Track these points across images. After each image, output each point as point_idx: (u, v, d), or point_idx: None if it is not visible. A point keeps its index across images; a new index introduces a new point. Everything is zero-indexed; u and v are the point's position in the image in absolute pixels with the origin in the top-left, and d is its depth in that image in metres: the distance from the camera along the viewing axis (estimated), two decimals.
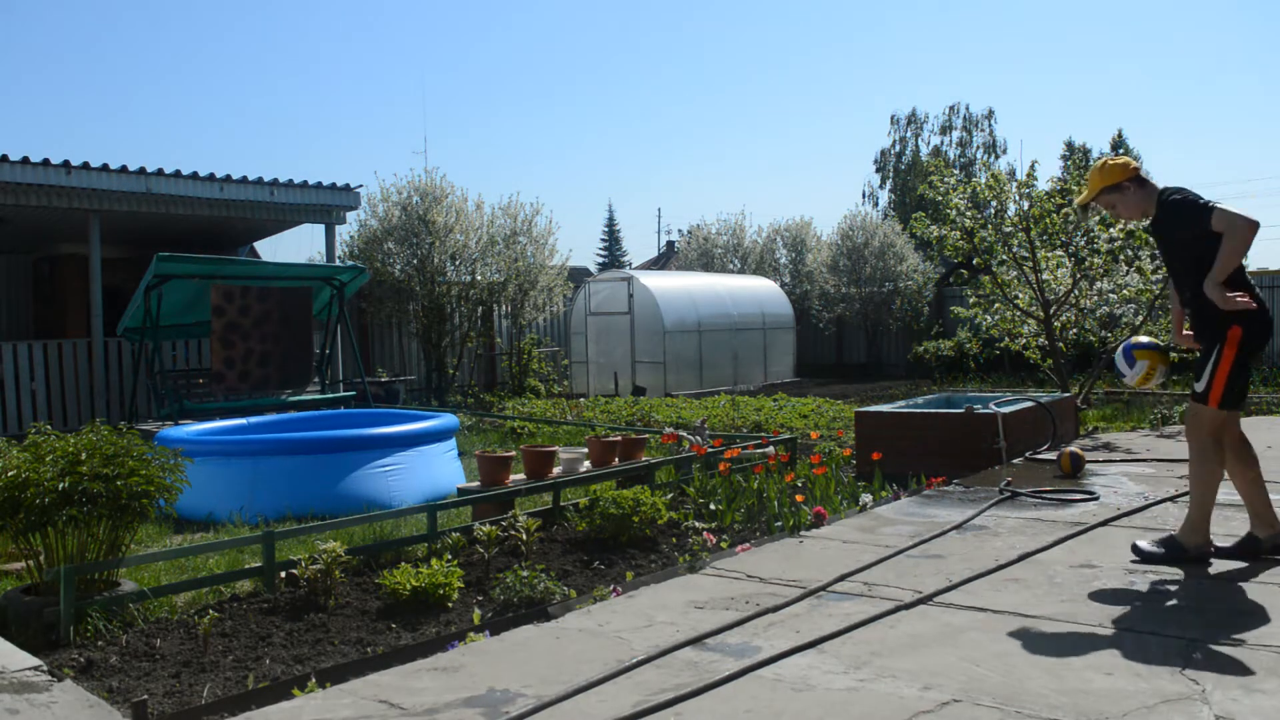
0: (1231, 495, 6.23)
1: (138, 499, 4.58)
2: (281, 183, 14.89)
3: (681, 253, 30.02)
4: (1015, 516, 5.70)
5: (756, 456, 7.83)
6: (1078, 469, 7.00)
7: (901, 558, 4.79)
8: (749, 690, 3.14)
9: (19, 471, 4.43)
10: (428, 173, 17.81)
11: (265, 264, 14.64)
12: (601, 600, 4.29)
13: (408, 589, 4.49)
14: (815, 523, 5.64)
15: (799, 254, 25.17)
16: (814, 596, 4.17)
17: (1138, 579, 4.29)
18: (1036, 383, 15.92)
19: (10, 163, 12.29)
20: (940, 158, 44.82)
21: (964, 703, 2.98)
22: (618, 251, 70.16)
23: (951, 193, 11.89)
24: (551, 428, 12.09)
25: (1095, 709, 2.89)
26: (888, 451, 7.69)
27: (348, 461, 7.75)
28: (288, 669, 3.83)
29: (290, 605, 4.60)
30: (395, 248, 17.20)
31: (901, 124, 49.19)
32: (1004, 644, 3.50)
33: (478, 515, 6.24)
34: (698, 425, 9.23)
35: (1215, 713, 2.83)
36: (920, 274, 23.37)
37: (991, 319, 12.98)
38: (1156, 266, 12.00)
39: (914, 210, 22.71)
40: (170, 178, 13.69)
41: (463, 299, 17.62)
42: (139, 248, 16.82)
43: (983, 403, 8.28)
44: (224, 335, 12.54)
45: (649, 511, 5.65)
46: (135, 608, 4.48)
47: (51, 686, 3.42)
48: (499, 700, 3.11)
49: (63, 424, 12.56)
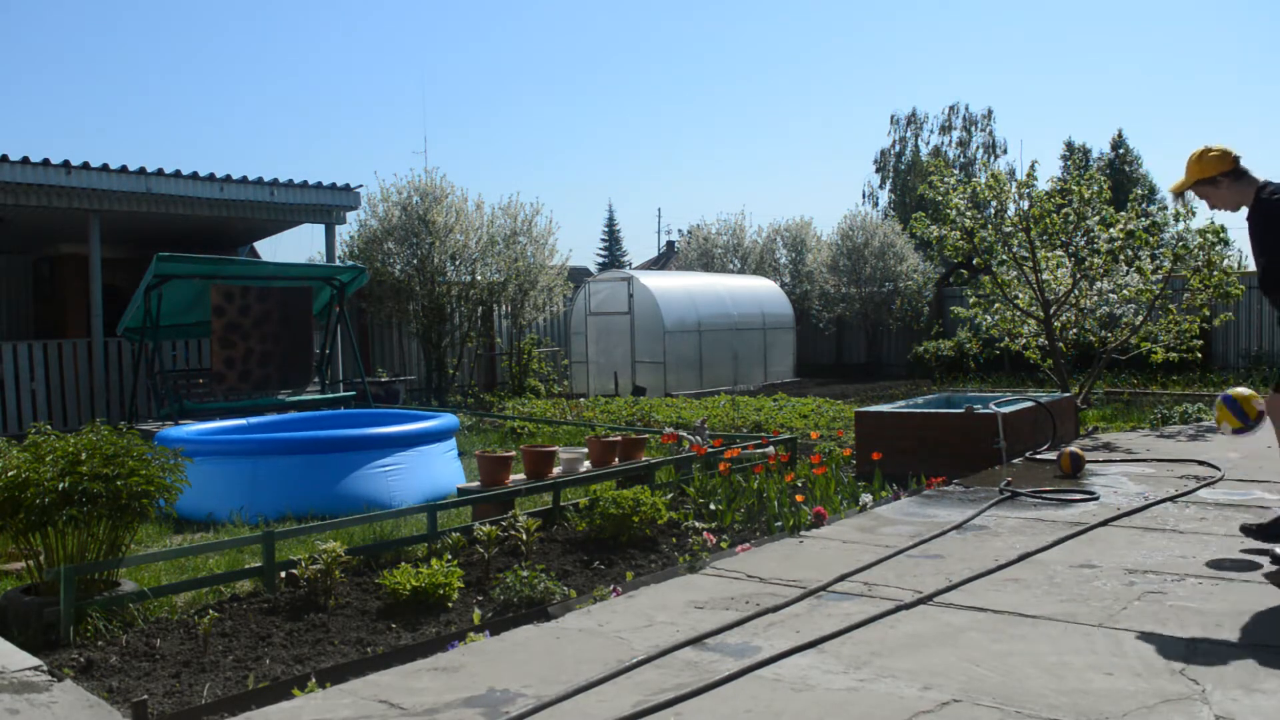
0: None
1: (138, 499, 4.58)
2: (281, 183, 14.89)
3: (681, 253, 30.02)
4: (1015, 516, 5.70)
5: (756, 456, 7.83)
6: (1078, 469, 7.00)
7: (901, 558, 4.79)
8: (749, 690, 3.14)
9: (19, 471, 4.43)
10: (428, 173, 17.84)
11: (265, 264, 14.64)
12: (601, 600, 4.29)
13: (408, 589, 4.49)
14: (815, 523, 5.64)
15: (799, 254, 25.17)
16: (814, 596, 4.17)
17: (1137, 579, 4.29)
18: (1036, 383, 15.92)
19: (10, 163, 12.29)
20: (940, 158, 44.83)
21: (964, 703, 2.98)
22: (618, 251, 70.18)
23: (951, 193, 11.88)
24: (551, 428, 12.09)
25: (1095, 709, 2.89)
26: (888, 451, 7.69)
27: (348, 461, 7.76)
28: (288, 669, 3.83)
29: (290, 605, 4.60)
30: (395, 248, 17.21)
31: (901, 124, 49.23)
32: (1004, 644, 3.50)
33: (478, 515, 6.24)
34: (698, 425, 9.23)
35: (1215, 713, 2.83)
36: (920, 274, 23.37)
37: (991, 319, 12.98)
38: (1156, 266, 12.01)
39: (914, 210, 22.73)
40: (170, 178, 13.70)
41: (463, 299, 17.63)
42: (139, 248, 16.82)
43: (983, 403, 8.28)
44: (224, 335, 12.54)
45: (649, 511, 5.65)
46: (135, 608, 4.48)
47: (51, 686, 3.42)
48: (499, 700, 3.11)
49: (63, 424, 12.56)
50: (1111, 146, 43.84)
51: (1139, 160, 42.96)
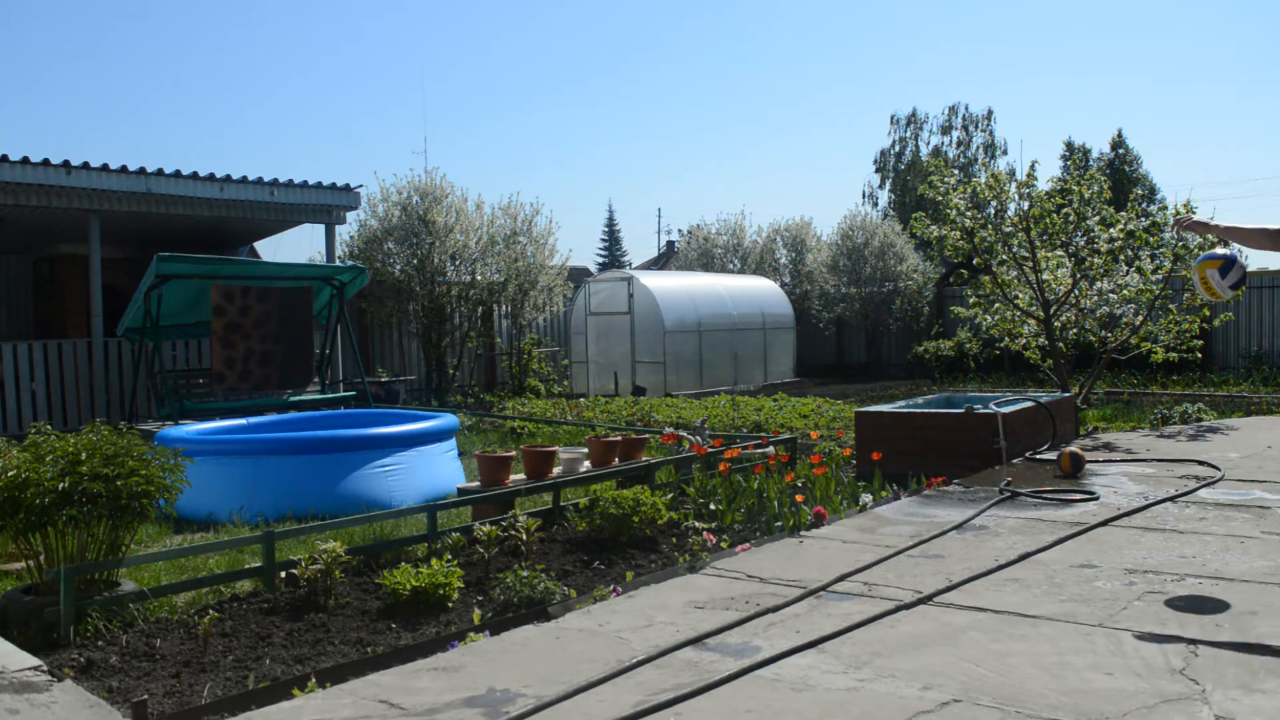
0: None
1: (138, 499, 4.58)
2: (282, 183, 14.89)
3: (681, 253, 30.02)
4: (1015, 516, 5.70)
5: (756, 456, 7.83)
6: (1078, 469, 7.00)
7: (901, 558, 4.79)
8: (749, 690, 3.14)
9: (19, 471, 4.43)
10: (428, 173, 17.83)
11: (265, 264, 14.64)
12: (601, 600, 4.29)
13: (408, 589, 4.49)
14: (815, 523, 5.64)
15: (799, 254, 25.16)
16: (814, 596, 4.17)
17: (1137, 579, 4.29)
18: (1036, 383, 15.92)
19: (10, 163, 12.29)
20: (940, 158, 44.84)
21: (964, 703, 2.98)
22: (618, 251, 70.17)
23: (951, 193, 11.88)
24: (551, 428, 12.09)
25: (1095, 709, 2.89)
26: (888, 451, 7.69)
27: (348, 461, 7.75)
28: (288, 669, 3.83)
29: (290, 605, 4.60)
30: (395, 248, 17.21)
31: (901, 124, 49.20)
32: (1004, 644, 3.50)
33: (478, 515, 6.24)
34: (698, 425, 9.22)
35: (1215, 713, 2.83)
36: (920, 274, 23.36)
37: (991, 319, 12.97)
38: (1156, 266, 12.00)
39: (914, 210, 22.70)
40: (170, 178, 13.70)
41: (463, 299, 17.62)
42: (139, 248, 16.82)
43: (983, 403, 8.28)
44: (224, 335, 12.54)
45: (649, 511, 5.65)
46: (135, 608, 4.48)
47: (51, 686, 3.42)
48: (499, 700, 3.11)
49: (63, 424, 12.55)
50: (1111, 147, 43.79)
51: (1139, 160, 42.89)
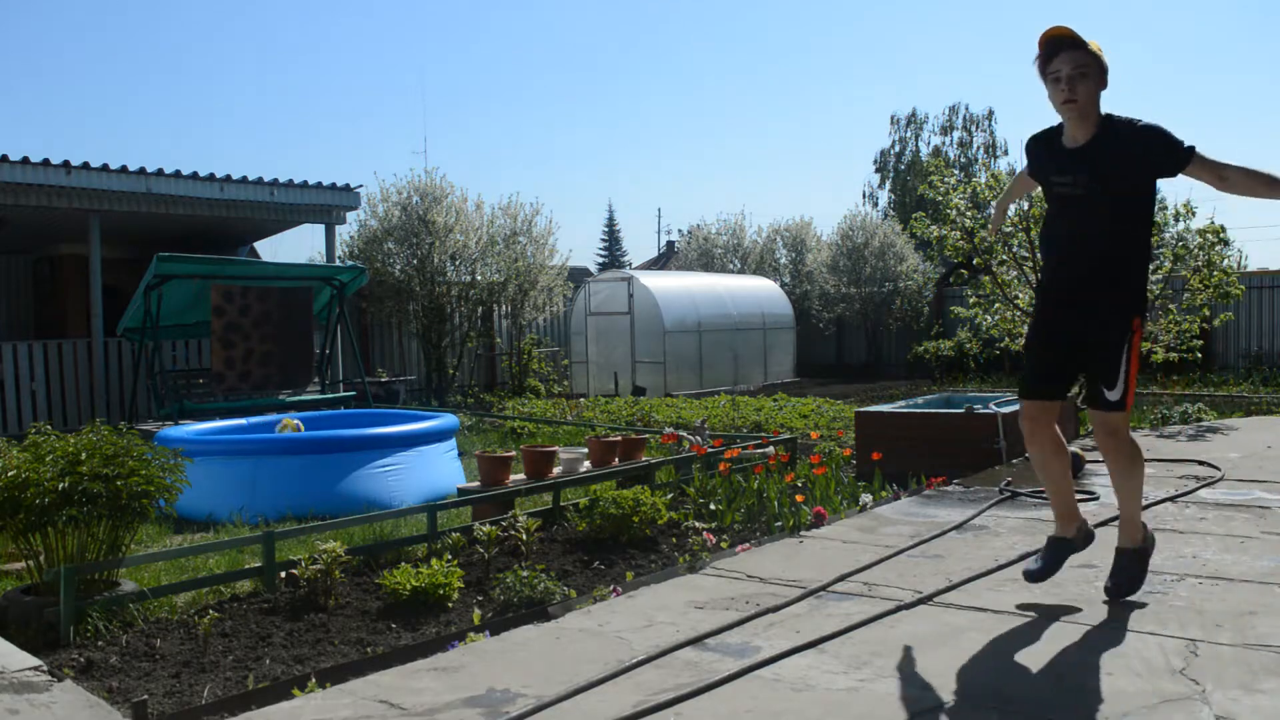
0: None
1: (138, 499, 4.58)
2: (282, 183, 14.89)
3: (681, 253, 30.03)
4: (1015, 516, 5.69)
5: (756, 456, 7.83)
6: (1078, 469, 6.99)
7: (901, 558, 4.79)
8: (749, 690, 3.14)
9: (19, 471, 4.43)
10: (428, 173, 17.81)
11: (265, 264, 14.65)
12: (601, 600, 4.29)
13: (408, 589, 4.49)
14: (815, 523, 5.64)
15: (799, 254, 25.16)
16: (814, 596, 4.17)
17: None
18: None
19: (10, 163, 12.29)
20: (940, 158, 44.79)
21: (964, 702, 2.98)
22: (618, 251, 70.15)
23: (951, 193, 11.86)
24: (551, 428, 12.08)
25: (1095, 709, 2.89)
26: (888, 451, 7.68)
27: (348, 461, 7.75)
28: (288, 669, 3.83)
29: (290, 605, 4.60)
30: (395, 248, 17.20)
31: (901, 124, 49.17)
32: (1004, 644, 3.50)
33: (478, 515, 6.24)
34: (698, 425, 9.23)
35: (1215, 713, 2.83)
36: (920, 274, 23.36)
37: (991, 319, 12.95)
38: (1156, 266, 11.99)
39: (914, 210, 22.68)
40: (170, 178, 13.70)
41: (463, 299, 17.62)
42: (139, 248, 16.80)
43: (983, 403, 8.28)
44: (224, 335, 12.54)
45: (649, 511, 5.64)
46: (135, 608, 4.48)
47: (51, 687, 3.42)
48: (499, 700, 3.11)
49: (63, 424, 12.55)
50: None
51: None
